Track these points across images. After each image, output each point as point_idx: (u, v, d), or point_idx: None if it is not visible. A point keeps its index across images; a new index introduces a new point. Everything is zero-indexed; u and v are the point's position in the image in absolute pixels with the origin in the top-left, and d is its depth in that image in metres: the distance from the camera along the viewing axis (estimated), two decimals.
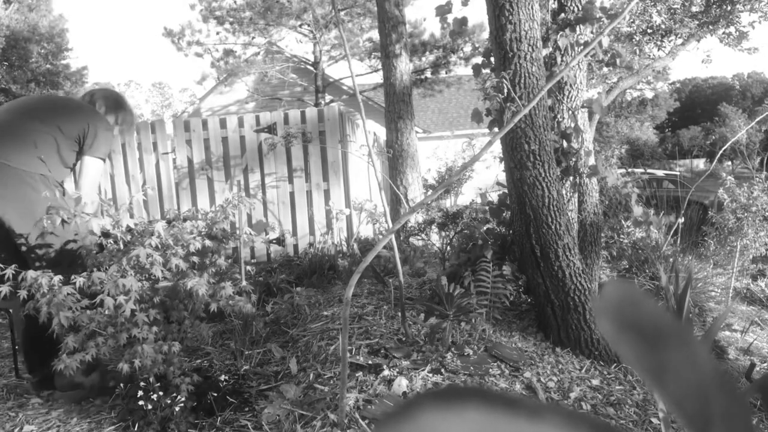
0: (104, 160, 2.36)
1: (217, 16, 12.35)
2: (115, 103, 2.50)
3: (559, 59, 3.02)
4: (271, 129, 4.51)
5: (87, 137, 2.29)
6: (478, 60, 3.61)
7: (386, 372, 2.03)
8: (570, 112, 3.06)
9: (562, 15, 3.04)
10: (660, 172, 10.84)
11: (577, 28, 3.00)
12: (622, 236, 4.38)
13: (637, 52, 12.92)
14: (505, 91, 2.54)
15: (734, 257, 4.01)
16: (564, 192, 2.96)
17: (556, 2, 3.09)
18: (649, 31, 12.79)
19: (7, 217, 2.06)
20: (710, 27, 12.03)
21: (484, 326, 2.50)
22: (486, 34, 8.67)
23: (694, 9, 12.17)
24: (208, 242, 2.02)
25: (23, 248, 2.08)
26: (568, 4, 3.02)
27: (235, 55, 13.09)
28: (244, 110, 14.93)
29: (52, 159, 2.21)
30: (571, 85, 3.05)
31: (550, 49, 3.03)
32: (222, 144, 4.68)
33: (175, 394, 1.82)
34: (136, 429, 1.80)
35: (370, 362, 2.12)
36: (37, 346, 2.18)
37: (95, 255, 1.94)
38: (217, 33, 12.77)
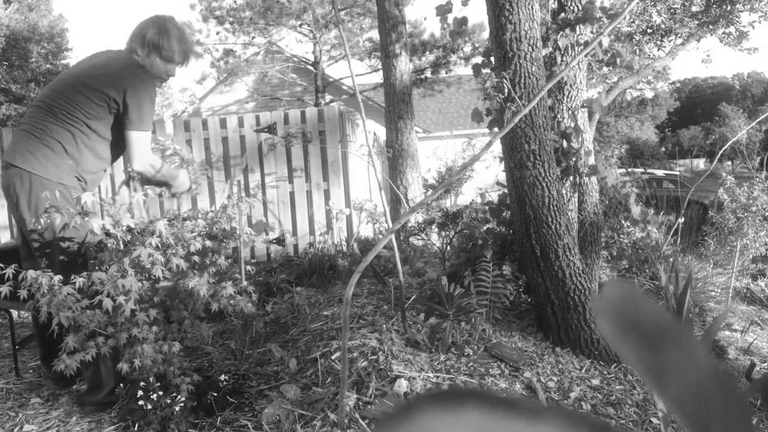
0: (152, 129, 2.03)
1: (217, 16, 12.35)
2: (158, 35, 2.10)
3: (559, 59, 3.02)
4: (271, 129, 4.51)
5: (129, 108, 2.03)
6: (478, 60, 3.61)
7: (387, 372, 2.03)
8: (570, 112, 3.06)
9: (562, 15, 3.03)
10: (660, 172, 10.84)
11: (577, 28, 3.00)
12: (622, 236, 4.38)
13: (637, 52, 12.91)
14: (505, 91, 2.54)
15: (734, 257, 4.01)
16: (564, 192, 2.96)
17: (556, 2, 3.09)
18: (649, 31, 12.79)
19: (26, 225, 2.05)
20: (710, 27, 12.02)
21: (484, 326, 2.50)
22: (486, 34, 8.66)
23: (694, 9, 12.16)
24: (208, 242, 2.02)
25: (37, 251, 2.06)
26: (568, 4, 3.02)
27: (235, 55, 13.09)
28: (244, 110, 14.92)
29: (84, 152, 2.09)
30: (571, 85, 3.05)
31: (550, 49, 3.03)
32: (222, 144, 4.68)
33: (175, 394, 1.82)
34: (136, 429, 1.80)
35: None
36: (50, 344, 2.18)
37: (95, 255, 1.94)
38: (217, 33, 12.77)
